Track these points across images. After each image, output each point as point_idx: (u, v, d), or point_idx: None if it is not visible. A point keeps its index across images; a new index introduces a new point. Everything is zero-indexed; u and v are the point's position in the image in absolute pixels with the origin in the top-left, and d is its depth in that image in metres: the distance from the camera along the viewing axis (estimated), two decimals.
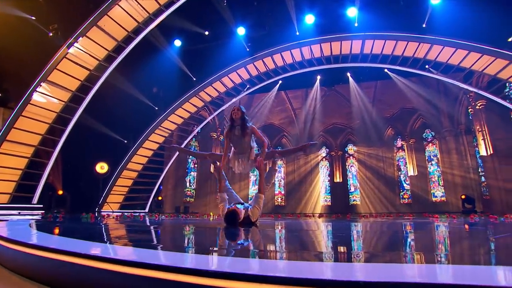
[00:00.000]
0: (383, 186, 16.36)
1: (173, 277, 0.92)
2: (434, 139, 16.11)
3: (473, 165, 14.35)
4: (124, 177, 14.57)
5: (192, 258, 1.43)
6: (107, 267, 1.07)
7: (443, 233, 3.19)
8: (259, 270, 1.03)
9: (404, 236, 2.90)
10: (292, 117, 18.76)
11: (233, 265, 1.10)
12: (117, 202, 14.49)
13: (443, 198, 15.06)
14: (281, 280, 0.81)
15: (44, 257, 1.33)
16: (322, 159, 18.56)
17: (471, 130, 14.59)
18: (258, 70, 14.89)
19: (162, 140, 15.54)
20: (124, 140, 14.75)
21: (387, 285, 0.74)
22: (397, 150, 17.16)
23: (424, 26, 12.08)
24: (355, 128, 17.70)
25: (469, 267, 1.13)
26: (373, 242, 2.37)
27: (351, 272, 0.99)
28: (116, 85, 12.23)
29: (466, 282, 0.77)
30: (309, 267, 1.10)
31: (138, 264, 1.02)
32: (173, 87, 14.53)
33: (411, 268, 1.12)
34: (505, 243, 2.26)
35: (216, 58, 14.52)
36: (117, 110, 13.53)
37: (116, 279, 1.05)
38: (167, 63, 13.69)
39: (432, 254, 1.62)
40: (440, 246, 2.08)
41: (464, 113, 14.90)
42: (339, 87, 17.62)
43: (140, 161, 15.01)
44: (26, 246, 1.51)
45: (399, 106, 16.50)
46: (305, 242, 2.20)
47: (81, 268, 1.15)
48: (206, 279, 0.87)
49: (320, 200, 17.75)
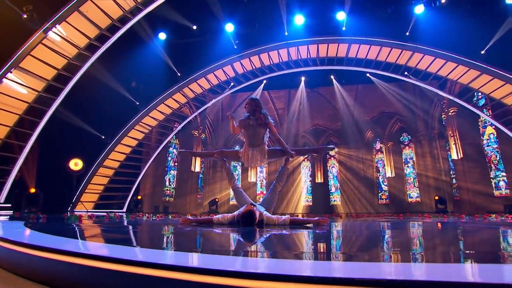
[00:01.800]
0: (362, 187, 17.02)
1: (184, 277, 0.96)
2: (411, 143, 17.06)
3: (445, 168, 15.40)
4: (100, 174, 13.87)
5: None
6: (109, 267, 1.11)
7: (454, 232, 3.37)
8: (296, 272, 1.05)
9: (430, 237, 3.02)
10: (275, 118, 18.85)
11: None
12: (91, 201, 13.76)
13: (418, 199, 15.99)
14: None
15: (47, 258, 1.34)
16: (304, 159, 18.89)
17: (444, 135, 15.63)
18: (245, 68, 14.80)
19: (141, 137, 14.98)
20: (102, 135, 14.03)
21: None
22: (376, 152, 17.94)
23: (407, 34, 12.75)
24: (336, 130, 18.23)
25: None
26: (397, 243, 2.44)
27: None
28: (96, 77, 11.57)
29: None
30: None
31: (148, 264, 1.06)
32: (156, 81, 14.04)
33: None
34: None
35: (203, 53, 14.24)
36: (96, 103, 12.82)
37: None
38: (152, 56, 13.21)
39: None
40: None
41: (437, 119, 15.94)
42: (322, 89, 18.05)
43: (118, 158, 14.36)
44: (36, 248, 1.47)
45: (379, 110, 17.27)
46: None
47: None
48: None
49: (301, 200, 18.06)
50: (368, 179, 17.37)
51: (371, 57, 13.99)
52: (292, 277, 0.86)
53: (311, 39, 13.76)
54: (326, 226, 3.94)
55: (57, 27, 9.61)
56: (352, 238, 2.71)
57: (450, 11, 11.53)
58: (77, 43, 10.15)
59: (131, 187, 14.60)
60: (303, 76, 17.01)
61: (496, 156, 13.26)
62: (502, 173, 12.92)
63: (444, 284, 0.77)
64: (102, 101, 12.81)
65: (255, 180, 18.52)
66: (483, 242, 2.44)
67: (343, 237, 2.83)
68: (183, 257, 1.48)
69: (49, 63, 9.88)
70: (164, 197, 17.03)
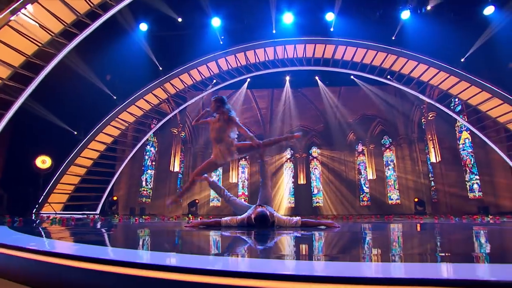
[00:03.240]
0: (344, 189, 17.40)
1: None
2: (391, 145, 17.71)
3: (424, 171, 16.14)
4: (71, 173, 13.08)
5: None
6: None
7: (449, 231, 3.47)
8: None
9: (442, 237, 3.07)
10: (257, 117, 18.83)
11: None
12: (60, 202, 12.91)
13: (398, 201, 16.62)
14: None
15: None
16: (286, 160, 18.99)
17: (423, 139, 16.39)
18: (230, 65, 14.60)
19: (117, 134, 14.30)
20: (74, 131, 13.19)
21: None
22: (358, 154, 18.43)
23: (393, 39, 13.18)
24: (319, 131, 18.49)
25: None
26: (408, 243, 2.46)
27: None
28: (71, 67, 10.82)
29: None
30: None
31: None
32: (136, 75, 13.40)
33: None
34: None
35: (187, 48, 13.84)
36: (69, 95, 12.03)
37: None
38: (132, 48, 12.58)
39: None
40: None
41: (417, 123, 16.68)
42: (306, 90, 18.22)
43: (91, 156, 13.62)
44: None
45: (361, 112, 17.76)
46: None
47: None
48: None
49: (284, 201, 18.12)
50: (350, 181, 17.78)
51: (356, 60, 14.32)
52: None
53: (299, 39, 13.83)
54: (338, 228, 3.91)
55: (27, 9, 8.84)
56: (379, 239, 2.67)
57: (434, 19, 12.07)
58: (51, 28, 9.42)
59: (106, 187, 13.86)
60: (287, 76, 17.05)
61: (470, 160, 14.09)
62: (476, 177, 13.75)
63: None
64: (76, 93, 12.04)
65: (237, 181, 18.32)
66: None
67: (373, 238, 2.78)
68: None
69: (16, 48, 9.08)
70: (141, 198, 16.32)
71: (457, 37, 11.97)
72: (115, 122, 13.86)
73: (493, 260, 1.43)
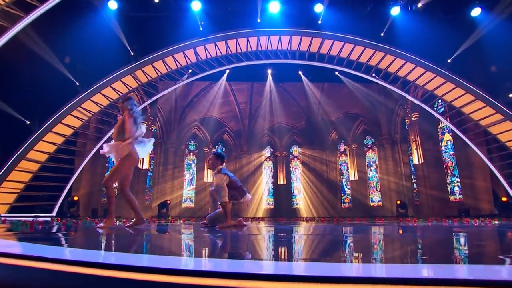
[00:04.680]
0: (325, 190, 17.59)
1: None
2: (374, 146, 18.16)
3: (407, 173, 16.73)
4: (21, 169, 12.05)
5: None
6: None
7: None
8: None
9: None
10: (235, 112, 18.48)
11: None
12: (6, 203, 11.86)
13: (380, 203, 17.11)
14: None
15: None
16: (266, 159, 18.84)
17: (406, 140, 16.99)
18: (209, 53, 14.11)
19: (79, 125, 13.38)
20: (26, 120, 12.15)
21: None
22: (340, 154, 18.71)
23: (382, 35, 13.46)
24: (300, 129, 18.54)
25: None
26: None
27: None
28: (26, 45, 9.88)
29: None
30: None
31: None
32: (103, 59, 12.52)
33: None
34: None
35: (163, 32, 13.20)
36: (22, 79, 11.06)
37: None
38: (100, 28, 11.73)
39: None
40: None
41: (400, 124, 17.24)
42: (287, 85, 18.17)
43: (47, 150, 12.64)
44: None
45: (344, 111, 18.03)
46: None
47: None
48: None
49: (262, 203, 17.97)
50: (331, 182, 18.01)
51: (343, 55, 14.43)
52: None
53: (285, 29, 13.67)
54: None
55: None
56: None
57: (424, 17, 12.47)
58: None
59: (64, 185, 12.91)
60: (270, 69, 16.90)
61: (452, 162, 14.81)
62: (457, 179, 14.48)
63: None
64: (31, 76, 11.11)
65: (212, 180, 17.87)
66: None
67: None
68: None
69: None
70: (104, 199, 15.39)
71: (445, 37, 12.46)
72: (77, 111, 12.96)
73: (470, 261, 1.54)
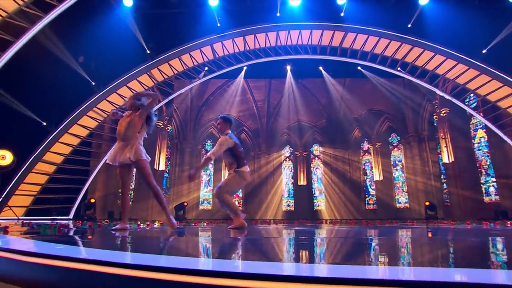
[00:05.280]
0: (348, 191, 17.13)
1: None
2: (400, 144, 17.58)
3: (435, 172, 16.09)
4: (38, 171, 12.12)
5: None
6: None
7: None
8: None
9: None
10: (253, 110, 18.24)
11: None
12: (23, 206, 11.94)
13: (407, 204, 16.53)
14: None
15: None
16: (285, 159, 18.54)
17: (434, 137, 16.35)
18: (227, 50, 13.91)
19: (94, 125, 13.42)
20: (43, 121, 12.22)
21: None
22: (364, 153, 18.21)
23: (409, 26, 12.92)
24: (321, 127, 18.14)
25: None
26: None
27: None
28: (43, 45, 9.88)
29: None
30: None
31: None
32: (119, 58, 12.48)
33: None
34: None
35: (179, 29, 13.08)
36: (39, 79, 11.07)
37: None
38: (116, 26, 11.67)
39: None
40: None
41: (427, 120, 16.60)
42: (306, 81, 17.80)
43: (63, 151, 12.69)
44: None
45: (367, 107, 17.51)
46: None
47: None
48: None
49: (282, 204, 17.68)
50: (354, 183, 17.55)
51: (367, 49, 13.97)
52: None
53: (305, 23, 13.35)
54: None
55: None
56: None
57: (456, 5, 11.82)
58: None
59: (81, 188, 12.95)
60: (288, 65, 16.56)
61: (486, 161, 14.12)
62: (492, 178, 13.79)
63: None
64: (47, 77, 11.09)
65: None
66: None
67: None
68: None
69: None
70: (120, 201, 15.41)
71: (480, 26, 11.77)
72: (93, 112, 13.00)
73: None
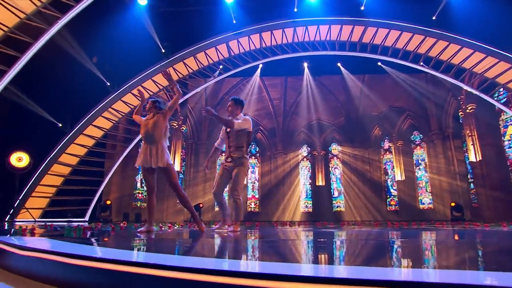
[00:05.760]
0: (369, 191, 16.81)
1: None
2: (422, 142, 17.15)
3: (461, 171, 15.60)
4: (53, 173, 12.18)
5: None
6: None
7: None
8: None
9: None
10: (269, 109, 18.05)
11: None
12: (39, 207, 11.99)
13: (431, 205, 16.08)
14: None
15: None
16: (303, 158, 18.33)
17: (459, 135, 15.85)
18: (243, 48, 13.76)
19: (109, 126, 13.45)
20: (58, 122, 12.28)
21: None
22: (385, 152, 17.85)
23: (434, 19, 12.51)
24: (340, 126, 17.85)
25: None
26: None
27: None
28: (59, 46, 9.90)
29: None
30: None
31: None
32: (133, 57, 12.49)
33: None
34: None
35: (194, 27, 13.01)
36: (54, 80, 11.11)
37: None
38: (130, 25, 11.67)
39: None
40: None
41: (452, 116, 16.11)
42: (324, 78, 17.52)
43: (78, 153, 12.73)
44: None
45: (387, 104, 17.11)
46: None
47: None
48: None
49: (300, 206, 17.48)
50: (375, 183, 17.23)
51: (388, 44, 13.62)
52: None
53: (324, 18, 13.11)
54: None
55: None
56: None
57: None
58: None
59: (96, 189, 13.01)
60: (305, 62, 16.33)
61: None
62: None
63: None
64: (62, 78, 11.13)
65: (246, 182, 17.60)
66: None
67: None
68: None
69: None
70: (135, 202, 15.45)
71: (509, 14, 11.31)
72: (108, 112, 13.02)
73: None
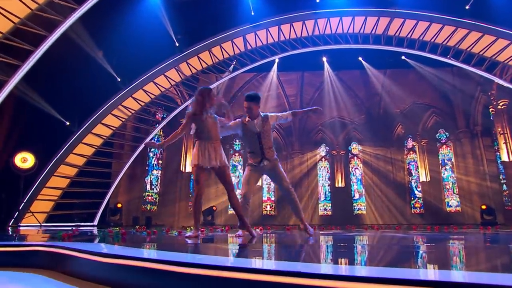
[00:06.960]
0: (392, 193, 16.51)
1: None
2: (449, 141, 16.81)
3: (492, 172, 15.23)
4: (60, 174, 11.92)
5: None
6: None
7: None
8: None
9: None
10: (284, 106, 17.74)
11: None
12: (43, 211, 11.72)
13: (458, 208, 15.74)
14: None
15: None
16: (321, 159, 18.06)
17: (489, 132, 15.47)
18: (260, 41, 13.44)
19: (118, 124, 13.19)
20: (66, 121, 11.97)
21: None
22: (408, 151, 17.57)
23: (467, 8, 12.11)
24: (360, 123, 17.56)
25: None
26: None
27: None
28: (71, 40, 9.61)
29: None
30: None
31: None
32: (145, 51, 12.16)
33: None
34: None
35: (210, 19, 12.70)
36: (62, 75, 10.81)
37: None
38: (143, 17, 11.36)
39: None
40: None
41: (481, 113, 15.74)
42: (343, 74, 17.18)
43: (85, 153, 12.46)
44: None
45: (411, 101, 16.75)
46: None
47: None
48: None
49: (318, 208, 17.23)
50: (398, 184, 16.94)
51: (415, 36, 13.29)
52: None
53: (348, 10, 12.82)
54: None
55: None
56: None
57: None
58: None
59: (106, 191, 12.76)
60: (324, 56, 15.99)
61: None
62: None
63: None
64: (71, 72, 10.83)
65: (261, 184, 17.33)
66: None
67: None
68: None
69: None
70: (145, 205, 15.19)
71: None
72: (117, 110, 12.76)
73: None
